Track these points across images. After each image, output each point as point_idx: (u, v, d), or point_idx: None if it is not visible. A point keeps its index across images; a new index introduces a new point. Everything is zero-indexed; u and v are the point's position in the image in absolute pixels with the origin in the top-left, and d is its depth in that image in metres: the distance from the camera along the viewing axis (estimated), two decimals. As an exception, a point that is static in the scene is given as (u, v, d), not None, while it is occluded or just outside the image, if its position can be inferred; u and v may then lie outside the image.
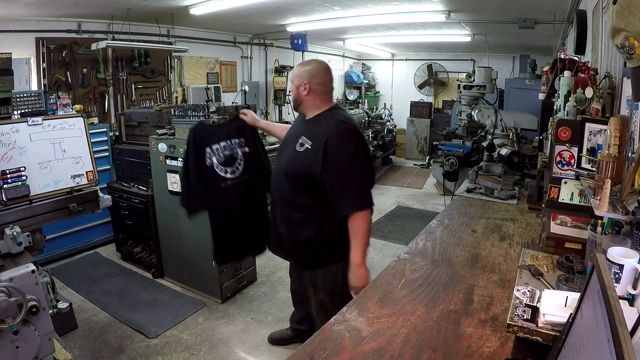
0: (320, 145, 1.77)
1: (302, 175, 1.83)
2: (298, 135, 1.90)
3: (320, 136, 1.79)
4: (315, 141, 1.80)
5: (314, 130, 1.85)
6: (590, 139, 1.55)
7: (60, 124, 2.12)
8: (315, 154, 1.78)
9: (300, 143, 1.86)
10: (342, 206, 1.79)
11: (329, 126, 1.82)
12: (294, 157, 1.87)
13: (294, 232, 1.96)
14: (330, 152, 1.75)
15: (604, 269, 0.72)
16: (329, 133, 1.78)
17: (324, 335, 1.22)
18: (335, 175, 1.76)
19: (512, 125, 3.83)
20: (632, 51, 0.97)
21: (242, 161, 2.47)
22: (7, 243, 1.60)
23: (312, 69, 1.92)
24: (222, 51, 6.59)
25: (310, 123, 1.92)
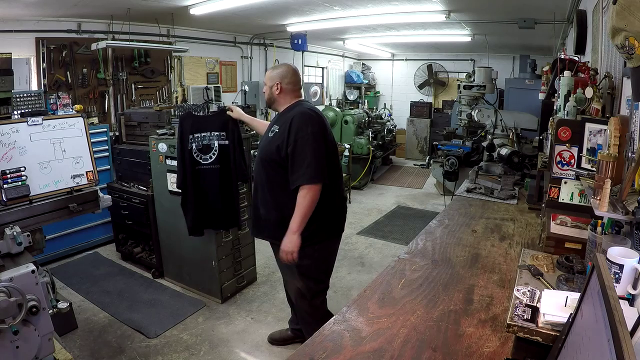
0: (286, 127, 2.03)
1: (272, 155, 2.07)
2: (270, 126, 2.21)
3: (286, 120, 2.06)
4: (282, 124, 2.07)
5: (282, 119, 2.13)
6: (590, 139, 1.55)
7: (60, 124, 2.12)
8: (282, 134, 2.04)
9: (271, 130, 2.14)
10: (295, 178, 2.00)
11: (295, 112, 2.10)
12: (266, 142, 2.15)
13: (270, 211, 2.17)
14: (293, 130, 2.00)
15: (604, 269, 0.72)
16: (294, 115, 2.06)
17: (324, 335, 1.22)
18: (293, 150, 1.99)
19: (512, 125, 3.83)
20: (632, 51, 0.96)
21: (217, 152, 2.94)
22: (7, 243, 1.60)
23: (282, 72, 2.19)
24: (222, 51, 6.59)
25: (281, 115, 2.19)
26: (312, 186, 2.00)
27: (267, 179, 2.15)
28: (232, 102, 6.34)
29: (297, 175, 2.00)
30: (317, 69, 9.05)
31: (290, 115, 2.09)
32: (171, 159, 3.13)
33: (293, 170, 2.01)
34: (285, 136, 2.02)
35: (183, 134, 2.89)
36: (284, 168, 2.06)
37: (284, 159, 2.04)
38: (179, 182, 2.95)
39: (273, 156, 2.08)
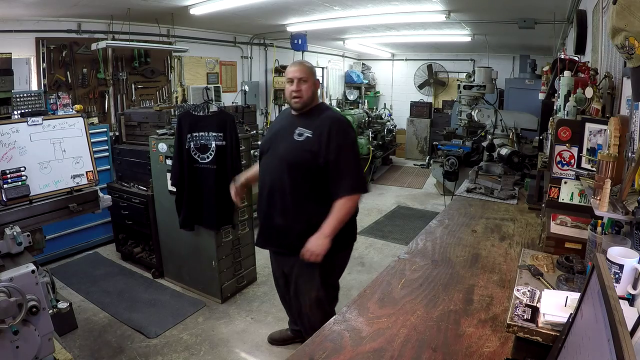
0: (323, 133, 1.90)
1: (304, 161, 1.93)
2: (292, 127, 2.00)
3: (320, 125, 1.93)
4: (316, 129, 1.93)
5: (310, 122, 1.98)
6: (590, 139, 1.55)
7: (60, 124, 2.12)
8: (317, 140, 1.91)
9: (298, 133, 1.97)
10: (341, 187, 1.91)
11: (329, 116, 2.00)
12: (294, 146, 1.96)
13: (291, 220, 2.01)
14: (334, 138, 1.90)
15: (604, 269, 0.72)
16: (331, 122, 1.95)
17: (324, 335, 1.22)
18: (337, 159, 1.90)
19: (512, 125, 3.83)
20: (632, 51, 0.96)
21: (214, 152, 2.94)
22: (7, 243, 1.60)
23: (314, 67, 2.10)
24: (222, 51, 6.59)
25: (301, 117, 2.03)
26: (355, 196, 1.94)
27: (292, 185, 1.97)
28: (232, 102, 6.34)
29: (344, 183, 1.91)
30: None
31: (322, 119, 1.97)
32: (171, 159, 3.13)
33: (337, 179, 1.91)
34: (324, 143, 1.90)
35: (181, 132, 2.91)
36: (317, 176, 1.93)
37: (320, 167, 1.92)
38: (174, 178, 2.98)
39: (307, 163, 1.93)
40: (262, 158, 2.11)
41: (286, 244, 2.08)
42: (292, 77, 1.98)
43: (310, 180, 1.95)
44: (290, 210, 2.00)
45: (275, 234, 2.10)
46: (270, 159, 2.05)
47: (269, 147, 2.08)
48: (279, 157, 2.00)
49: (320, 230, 1.90)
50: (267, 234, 2.14)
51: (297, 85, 1.96)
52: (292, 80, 1.98)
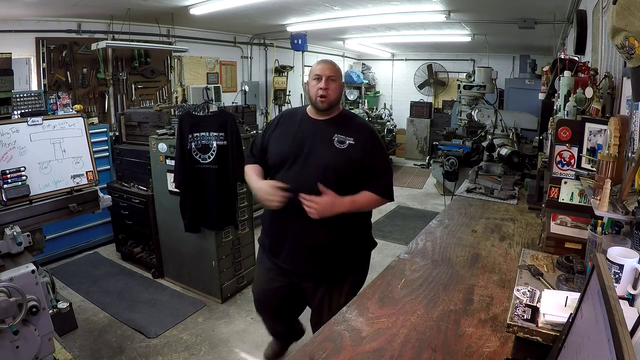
0: (366, 140, 1.84)
1: (353, 168, 1.81)
2: (326, 134, 1.82)
3: (359, 133, 1.85)
4: (357, 137, 1.83)
5: (346, 129, 1.84)
6: (590, 139, 1.55)
7: (60, 124, 2.12)
8: (363, 148, 1.82)
9: (338, 140, 1.81)
10: (377, 187, 1.84)
11: (364, 124, 1.95)
12: (337, 153, 1.79)
13: (342, 233, 1.84)
14: (376, 144, 1.87)
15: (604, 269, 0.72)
16: (370, 130, 1.92)
17: (324, 335, 1.22)
18: (380, 166, 1.87)
19: (512, 125, 3.83)
20: (632, 51, 0.96)
21: (215, 152, 2.95)
22: (7, 243, 1.60)
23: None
24: (222, 51, 6.59)
25: (332, 123, 1.86)
26: (384, 200, 1.88)
27: (340, 192, 1.77)
28: (232, 102, 6.34)
29: (378, 185, 1.84)
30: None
31: (359, 127, 1.88)
32: (171, 159, 3.13)
33: (375, 180, 1.84)
34: (369, 151, 1.82)
35: (182, 133, 2.90)
36: (359, 184, 1.83)
37: (364, 171, 1.83)
38: (177, 180, 2.95)
39: (355, 170, 1.81)
40: (287, 168, 1.83)
41: (333, 264, 1.87)
42: (321, 74, 1.78)
43: (355, 188, 1.82)
44: (339, 223, 1.79)
45: (318, 254, 1.85)
46: (304, 168, 1.79)
47: (297, 155, 1.81)
48: (322, 165, 1.78)
49: (341, 199, 1.75)
50: (305, 257, 1.86)
51: (325, 83, 1.77)
52: (319, 78, 1.79)
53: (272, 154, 1.91)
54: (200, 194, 3.00)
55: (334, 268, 1.88)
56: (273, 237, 1.94)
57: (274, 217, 1.90)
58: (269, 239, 1.98)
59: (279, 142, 1.90)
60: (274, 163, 1.88)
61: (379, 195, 1.84)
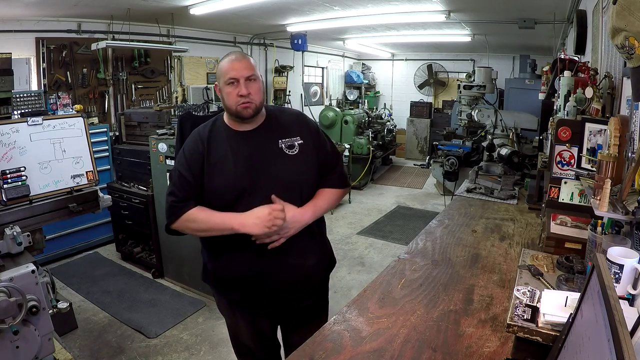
0: (310, 132, 1.58)
1: (314, 172, 1.56)
2: (267, 144, 1.51)
3: (299, 127, 1.57)
4: (301, 133, 1.56)
5: (286, 128, 1.56)
6: (590, 139, 1.55)
7: (60, 124, 2.12)
8: (313, 142, 1.56)
9: (287, 146, 1.52)
10: (333, 180, 1.60)
11: (292, 113, 1.67)
12: (293, 162, 1.51)
13: (320, 248, 1.65)
14: (319, 132, 1.63)
15: (604, 269, 0.72)
16: (303, 118, 1.65)
17: (324, 335, 1.22)
18: (330, 150, 1.64)
19: (512, 125, 3.83)
20: (632, 51, 0.96)
21: None
22: (7, 243, 1.60)
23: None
24: (222, 51, 6.58)
25: (267, 127, 1.54)
26: (345, 190, 1.67)
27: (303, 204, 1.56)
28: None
29: (334, 178, 1.61)
30: (317, 69, 9.05)
31: (291, 119, 1.60)
32: (171, 159, 3.13)
33: (329, 173, 1.61)
34: (317, 139, 1.59)
35: (183, 135, 2.89)
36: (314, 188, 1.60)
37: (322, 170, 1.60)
38: None
39: (315, 177, 1.57)
40: (246, 200, 1.46)
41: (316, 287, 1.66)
42: (237, 76, 1.42)
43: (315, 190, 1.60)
44: (315, 239, 1.61)
45: (310, 279, 1.60)
46: (266, 193, 1.44)
47: (252, 181, 1.47)
48: (285, 182, 1.49)
49: (302, 208, 1.50)
50: (295, 290, 1.57)
51: (245, 86, 1.42)
52: (235, 81, 1.43)
53: (221, 191, 1.48)
54: None
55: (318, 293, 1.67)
56: (240, 290, 1.58)
57: (237, 257, 1.53)
58: (238, 292, 1.60)
59: (221, 174, 1.48)
60: (226, 201, 1.47)
61: (338, 188, 1.62)
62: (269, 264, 1.50)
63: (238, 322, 1.72)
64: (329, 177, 1.60)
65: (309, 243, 1.58)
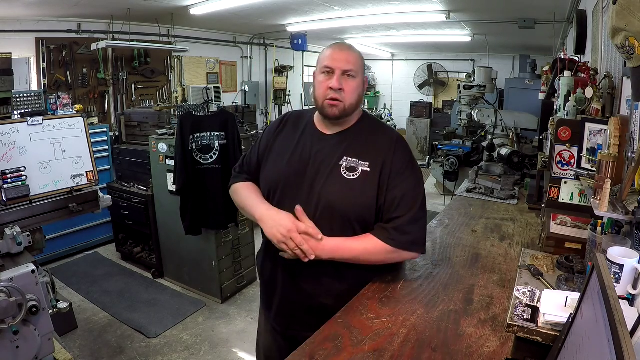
0: (386, 162, 1.29)
1: (364, 209, 1.29)
2: (332, 155, 1.31)
3: (379, 152, 1.30)
4: (375, 161, 1.29)
5: (362, 147, 1.31)
6: (590, 139, 1.55)
7: (60, 124, 2.12)
8: (381, 176, 1.28)
9: (347, 167, 1.28)
10: (390, 232, 1.28)
11: (390, 138, 1.34)
12: (343, 186, 1.27)
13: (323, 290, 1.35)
14: (401, 167, 1.30)
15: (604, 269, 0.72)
16: (395, 145, 1.32)
17: (323, 335, 1.22)
18: (403, 192, 1.29)
19: (512, 125, 3.83)
20: (632, 51, 0.96)
21: (218, 152, 2.96)
22: (7, 243, 1.60)
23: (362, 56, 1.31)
24: (222, 51, 6.60)
25: (343, 137, 1.33)
26: (409, 254, 1.36)
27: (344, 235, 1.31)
28: (232, 102, 6.34)
29: (395, 227, 1.27)
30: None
31: (380, 140, 1.32)
32: (171, 159, 3.13)
33: (393, 218, 1.27)
34: (389, 174, 1.27)
35: (183, 134, 2.90)
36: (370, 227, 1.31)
37: (376, 215, 1.30)
38: (179, 183, 2.94)
39: (366, 215, 1.29)
40: (277, 199, 1.34)
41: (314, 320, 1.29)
42: (333, 67, 1.24)
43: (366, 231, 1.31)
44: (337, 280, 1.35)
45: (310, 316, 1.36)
46: (293, 201, 1.28)
47: (292, 184, 1.31)
48: (324, 203, 1.27)
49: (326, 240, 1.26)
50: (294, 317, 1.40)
51: (338, 80, 1.23)
52: (331, 71, 1.25)
53: (264, 182, 1.40)
54: (202, 195, 3.00)
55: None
56: (265, 285, 1.51)
57: (267, 254, 1.41)
58: (262, 284, 1.55)
59: (273, 161, 1.38)
60: (263, 189, 1.39)
61: (387, 243, 1.26)
62: (281, 275, 1.38)
63: (261, 317, 1.66)
64: (381, 226, 1.29)
65: (334, 282, 1.34)
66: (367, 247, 1.28)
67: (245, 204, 1.41)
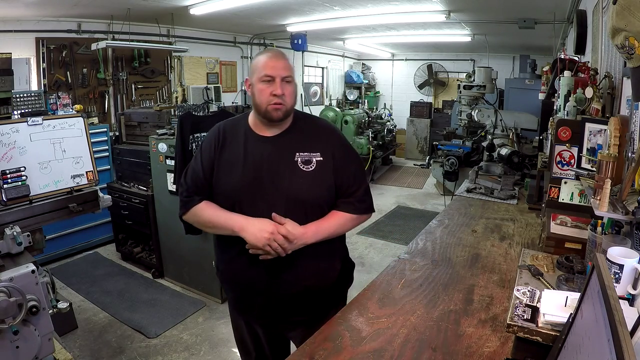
0: (334, 149, 1.46)
1: (325, 195, 1.45)
2: (285, 154, 1.42)
3: (325, 142, 1.46)
4: (324, 150, 1.44)
5: (309, 140, 1.45)
6: (590, 139, 1.55)
7: (60, 124, 2.12)
8: (333, 162, 1.45)
9: (302, 160, 1.42)
10: (356, 200, 1.48)
11: (328, 128, 1.55)
12: (304, 178, 1.40)
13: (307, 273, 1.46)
14: (347, 153, 1.51)
15: (604, 269, 0.72)
16: (336, 134, 1.53)
17: (324, 335, 1.22)
18: (354, 172, 1.50)
19: (512, 125, 3.83)
20: (632, 51, 0.97)
21: None
22: (7, 243, 1.60)
23: None
24: (222, 51, 6.60)
25: (288, 136, 1.45)
26: (364, 217, 1.54)
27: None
28: (232, 102, 6.34)
29: (353, 203, 1.47)
30: (317, 69, 9.06)
31: (321, 133, 1.50)
32: (171, 159, 3.13)
33: (348, 196, 1.47)
34: (340, 160, 1.46)
35: (183, 134, 2.90)
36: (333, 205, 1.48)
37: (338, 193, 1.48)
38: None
39: (327, 199, 1.46)
40: (242, 209, 1.41)
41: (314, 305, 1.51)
42: (274, 75, 1.36)
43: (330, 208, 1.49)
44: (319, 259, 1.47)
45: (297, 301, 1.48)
46: (264, 207, 1.38)
47: (253, 190, 1.40)
48: (289, 198, 1.39)
49: (304, 227, 1.38)
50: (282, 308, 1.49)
51: (280, 86, 1.35)
52: (271, 79, 1.36)
53: (223, 194, 1.44)
54: None
55: (316, 310, 1.50)
56: (240, 287, 1.53)
57: (239, 258, 1.44)
58: (232, 292, 1.61)
59: (227, 174, 1.44)
60: (227, 205, 1.43)
61: (352, 214, 1.47)
62: (262, 276, 1.42)
63: (238, 321, 1.73)
64: (345, 201, 1.47)
65: (311, 263, 1.44)
66: (340, 221, 1.47)
67: (217, 221, 1.44)
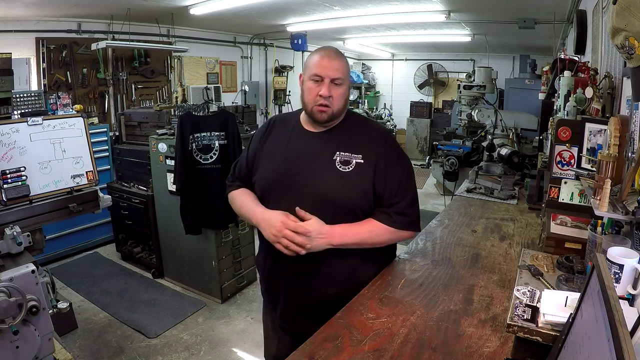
0: (379, 154, 1.38)
1: (360, 199, 1.38)
2: (324, 151, 1.38)
3: (370, 145, 1.39)
4: (367, 153, 1.37)
5: (354, 142, 1.39)
6: (590, 139, 1.55)
7: (60, 124, 2.12)
8: (375, 167, 1.37)
9: (341, 160, 1.36)
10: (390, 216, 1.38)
11: (378, 131, 1.47)
12: (339, 179, 1.35)
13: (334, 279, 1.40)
14: (393, 158, 1.42)
15: (604, 269, 0.72)
16: (384, 137, 1.44)
17: (324, 335, 1.22)
18: (398, 180, 1.40)
19: (512, 125, 3.83)
20: (632, 51, 0.97)
21: (218, 152, 2.96)
22: (7, 243, 1.60)
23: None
24: (222, 51, 6.60)
25: (332, 134, 1.42)
26: (407, 233, 1.45)
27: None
28: (232, 102, 6.34)
29: (395, 212, 1.37)
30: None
31: (368, 135, 1.42)
32: (171, 159, 3.13)
33: (392, 204, 1.38)
34: (383, 165, 1.37)
35: (183, 134, 2.90)
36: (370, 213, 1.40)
37: (374, 202, 1.39)
38: (179, 182, 2.94)
39: (363, 202, 1.37)
40: (273, 199, 1.40)
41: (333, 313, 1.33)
42: (323, 75, 1.32)
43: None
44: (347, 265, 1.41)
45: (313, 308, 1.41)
46: (295, 201, 1.33)
47: (286, 183, 1.38)
48: (319, 196, 1.34)
49: (332, 227, 1.32)
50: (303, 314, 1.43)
51: (327, 88, 1.32)
52: (319, 79, 1.33)
53: (259, 184, 1.45)
54: (202, 195, 3.00)
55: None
56: (266, 283, 1.54)
57: (267, 255, 1.43)
58: (263, 283, 1.59)
59: (266, 163, 1.45)
60: (260, 195, 1.44)
61: (390, 226, 1.36)
62: (285, 274, 1.40)
63: (266, 319, 1.71)
64: (383, 210, 1.38)
65: (339, 269, 1.38)
66: (372, 229, 1.37)
67: (243, 212, 1.49)
